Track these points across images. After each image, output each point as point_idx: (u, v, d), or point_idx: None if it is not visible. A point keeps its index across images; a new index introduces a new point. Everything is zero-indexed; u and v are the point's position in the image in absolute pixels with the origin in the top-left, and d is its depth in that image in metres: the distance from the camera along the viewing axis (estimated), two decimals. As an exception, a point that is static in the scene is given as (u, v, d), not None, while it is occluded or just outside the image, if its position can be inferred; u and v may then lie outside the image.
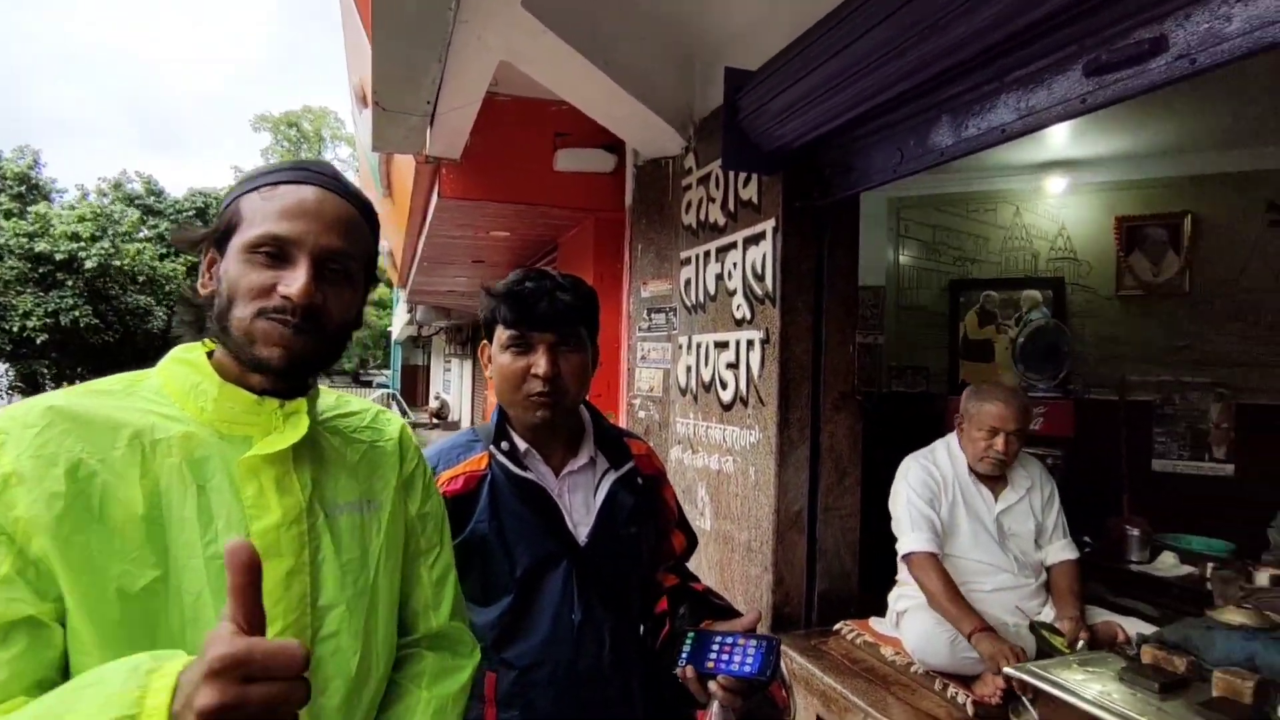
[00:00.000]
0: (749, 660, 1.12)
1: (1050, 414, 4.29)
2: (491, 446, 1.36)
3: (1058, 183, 4.68)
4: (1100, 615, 2.23)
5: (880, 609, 2.50)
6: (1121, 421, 4.53)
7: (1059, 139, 4.28)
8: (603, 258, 4.34)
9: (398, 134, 3.24)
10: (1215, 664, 1.44)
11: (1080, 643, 2.01)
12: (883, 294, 5.16)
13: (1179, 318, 4.55)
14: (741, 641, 1.15)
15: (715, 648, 1.15)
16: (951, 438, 2.41)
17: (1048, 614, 2.24)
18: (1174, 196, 4.56)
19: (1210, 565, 2.69)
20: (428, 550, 1.07)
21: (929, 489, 2.30)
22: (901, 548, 2.27)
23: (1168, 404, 4.53)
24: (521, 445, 1.37)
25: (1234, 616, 1.50)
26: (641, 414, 3.71)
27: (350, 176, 0.99)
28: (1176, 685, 1.44)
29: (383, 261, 8.73)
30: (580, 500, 1.39)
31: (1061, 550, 2.34)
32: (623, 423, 3.82)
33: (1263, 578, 2.28)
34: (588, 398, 1.46)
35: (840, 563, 2.72)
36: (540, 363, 1.31)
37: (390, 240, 7.41)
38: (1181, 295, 4.52)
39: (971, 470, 2.33)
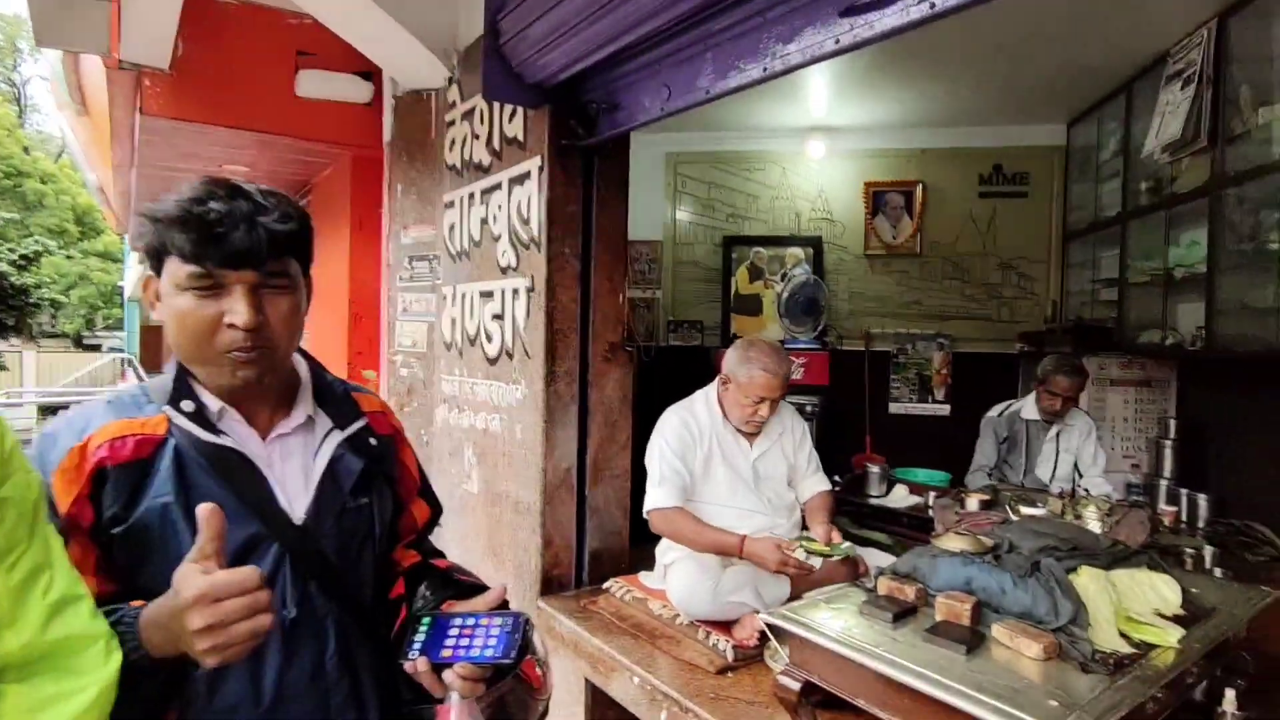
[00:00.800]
0: (491, 643, 0.98)
1: (810, 364, 4.61)
2: (168, 407, 1.04)
3: (817, 147, 4.96)
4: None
5: (647, 564, 2.47)
6: (866, 370, 5.01)
7: (819, 105, 4.52)
8: (362, 200, 3.86)
9: (69, 23, 2.56)
10: (939, 590, 1.53)
11: (844, 544, 2.13)
12: (661, 249, 5.20)
13: (911, 276, 5.09)
14: (484, 622, 1.01)
15: (453, 633, 1.00)
16: (711, 390, 2.41)
17: (801, 552, 2.33)
18: (909, 166, 5.04)
19: (932, 494, 3.01)
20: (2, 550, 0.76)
21: (683, 442, 2.29)
22: (647, 503, 2.25)
23: (902, 353, 5.07)
24: (213, 405, 1.06)
25: (954, 544, 1.61)
26: (405, 372, 3.38)
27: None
28: (907, 613, 1.51)
29: (92, 198, 7.27)
30: (296, 468, 1.11)
31: (815, 484, 2.45)
32: (384, 382, 3.46)
33: (973, 503, 2.57)
34: (348, 357, 1.16)
35: (612, 520, 2.66)
36: (239, 309, 1.00)
37: (96, 173, 6.14)
38: (914, 256, 5.05)
39: (728, 421, 2.35)
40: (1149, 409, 4.02)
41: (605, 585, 2.46)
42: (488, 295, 2.81)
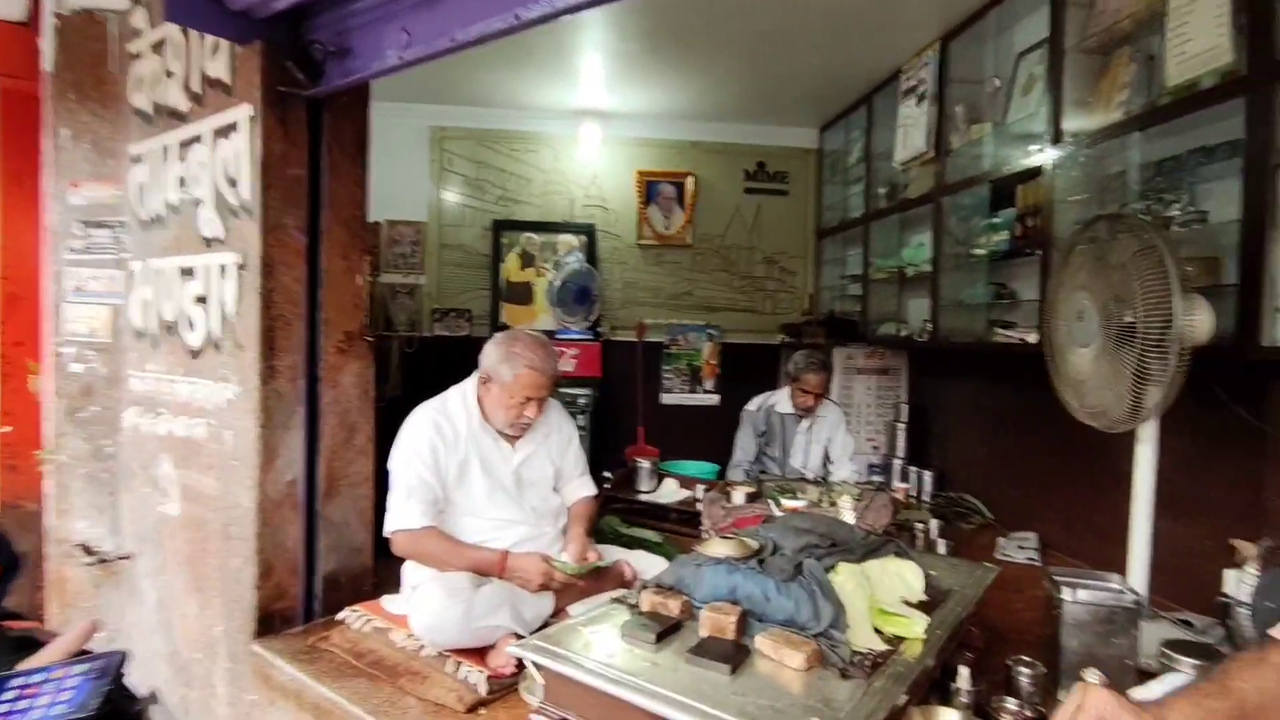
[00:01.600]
0: (65, 697, 0.82)
1: (582, 356, 4.47)
2: None
3: (592, 131, 4.84)
4: (612, 555, 2.23)
5: (395, 584, 2.15)
6: (639, 360, 5.00)
7: (593, 88, 4.38)
8: (14, 147, 3.01)
9: None
10: (704, 601, 1.42)
11: (599, 560, 2.00)
12: (425, 231, 4.77)
13: (683, 267, 5.17)
14: (56, 675, 0.85)
15: (9, 696, 0.82)
16: (469, 386, 2.15)
17: (567, 559, 2.15)
18: (682, 158, 5.10)
19: (701, 488, 3.00)
20: None
21: (434, 448, 2.01)
22: (390, 522, 1.95)
23: (674, 344, 5.13)
24: None
25: (718, 549, 1.52)
26: (78, 367, 2.67)
27: None
28: (671, 631, 1.38)
29: None
30: None
31: (579, 488, 2.29)
32: (51, 380, 2.72)
33: (739, 496, 2.57)
34: (2, 348, 0.75)
35: (351, 536, 2.29)
36: None
37: None
38: (685, 247, 5.13)
39: (488, 422, 2.10)
40: (887, 395, 4.42)
41: (340, 617, 2.09)
42: (189, 273, 2.27)
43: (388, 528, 1.97)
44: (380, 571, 2.35)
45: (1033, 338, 2.89)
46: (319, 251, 2.17)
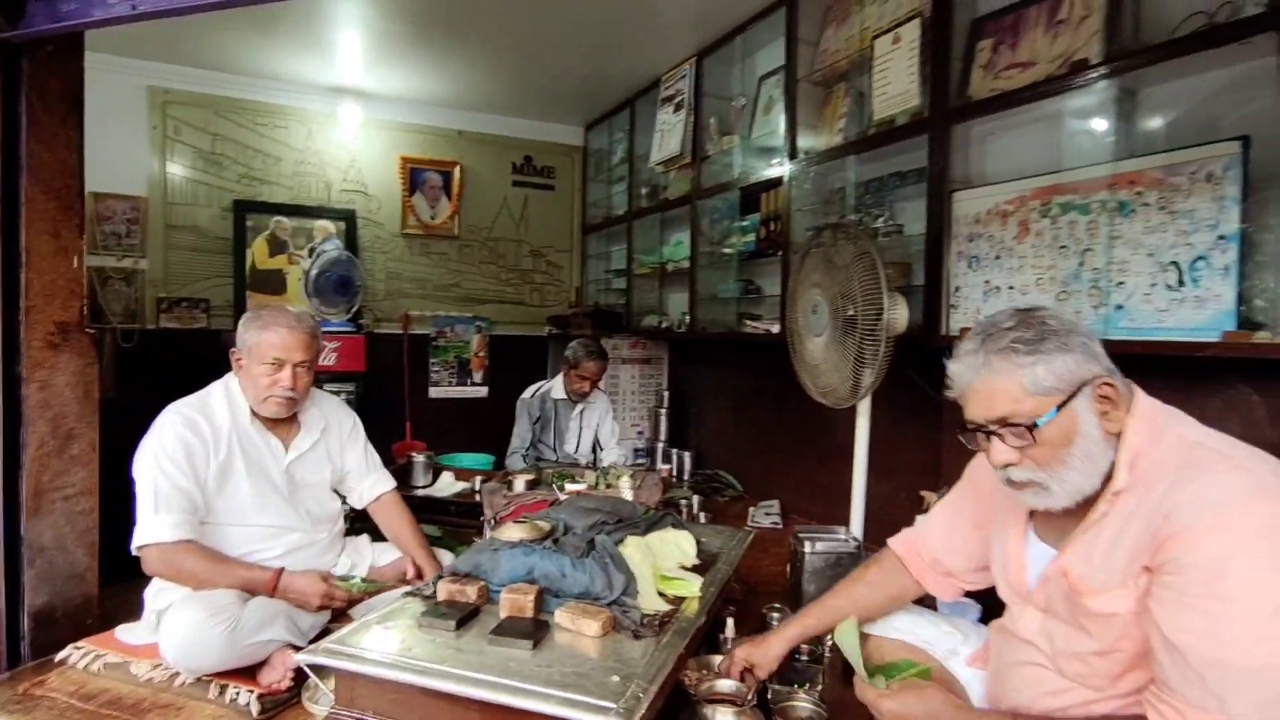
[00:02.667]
0: None
1: (344, 349, 4.20)
2: None
3: (351, 112, 4.53)
4: (387, 556, 2.16)
5: (132, 612, 1.88)
6: (405, 353, 4.81)
7: (351, 65, 4.10)
8: None
9: None
10: (502, 584, 1.45)
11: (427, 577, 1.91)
12: (145, 207, 4.13)
13: (450, 258, 5.06)
14: None
15: None
16: (231, 380, 1.94)
17: (345, 564, 2.04)
18: (448, 146, 4.98)
19: (479, 479, 3.00)
20: None
21: (190, 450, 1.79)
22: (139, 537, 1.72)
23: (441, 336, 5.01)
24: None
25: (513, 533, 1.56)
26: None
27: None
28: (470, 617, 1.40)
29: None
30: None
31: (376, 484, 2.17)
32: None
33: (520, 484, 2.61)
34: None
35: (70, 561, 1.95)
36: None
37: None
38: (452, 238, 5.03)
39: (256, 416, 1.92)
40: (649, 383, 4.73)
41: (61, 656, 1.78)
42: None
43: (136, 543, 1.72)
44: (110, 600, 2.04)
45: (775, 328, 3.29)
46: (19, 226, 1.81)
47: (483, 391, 5.11)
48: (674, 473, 3.94)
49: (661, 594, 1.52)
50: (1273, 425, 1.76)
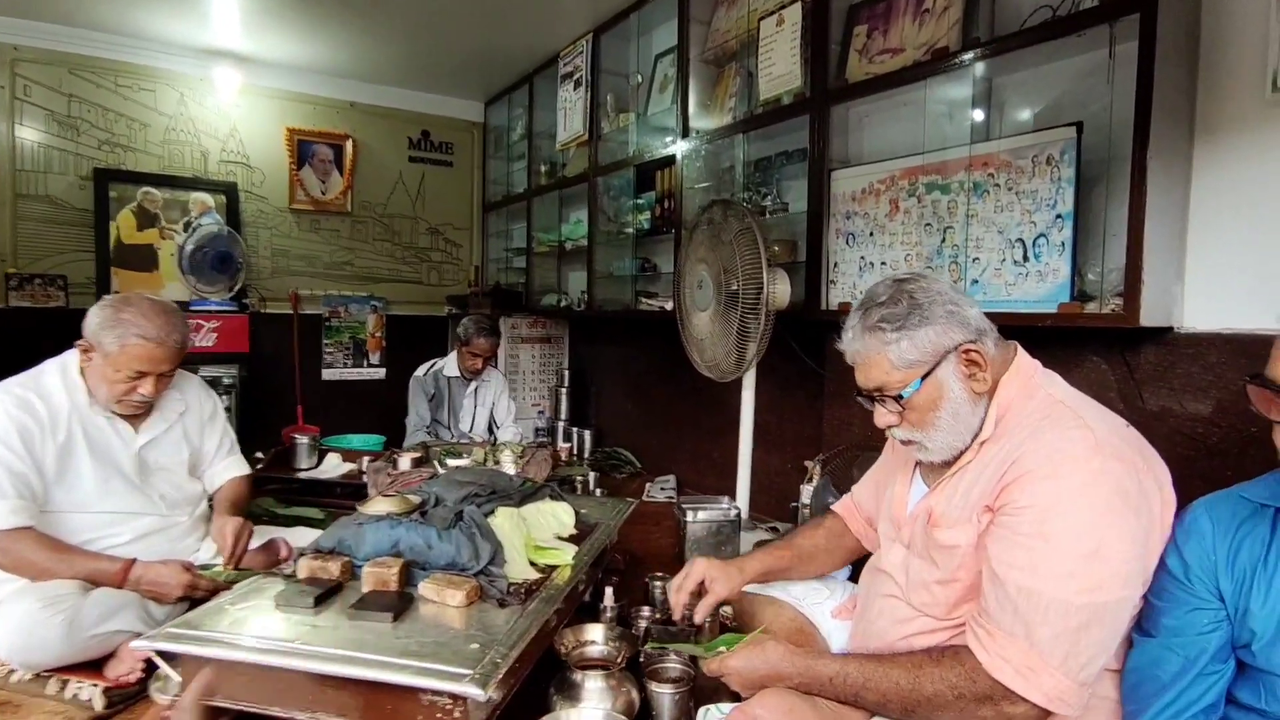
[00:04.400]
0: None
1: (225, 329, 3.98)
2: None
3: (228, 77, 4.26)
4: (266, 534, 2.08)
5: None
6: (295, 334, 4.60)
7: (229, 26, 3.85)
8: None
9: None
10: (368, 558, 1.42)
11: (244, 571, 1.81)
12: (-11, 173, 3.77)
13: (342, 235, 4.86)
14: None
15: None
16: (70, 358, 1.80)
17: (208, 549, 1.95)
18: (339, 118, 4.77)
19: (366, 460, 2.91)
20: None
21: (25, 432, 1.66)
22: None
23: (334, 316, 4.82)
24: None
25: (380, 506, 1.53)
26: None
27: None
28: (332, 593, 1.36)
29: None
30: None
31: (228, 469, 2.07)
32: None
33: (405, 462, 2.55)
34: None
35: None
36: None
37: None
38: (345, 214, 4.83)
39: (96, 400, 1.79)
40: (550, 362, 4.71)
41: (-124, 659, 1.62)
42: None
43: None
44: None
45: (669, 305, 3.33)
46: None
47: (380, 373, 4.96)
48: (574, 451, 3.95)
49: (533, 564, 1.52)
50: (1115, 387, 1.92)
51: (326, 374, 4.79)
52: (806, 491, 2.53)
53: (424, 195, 5.13)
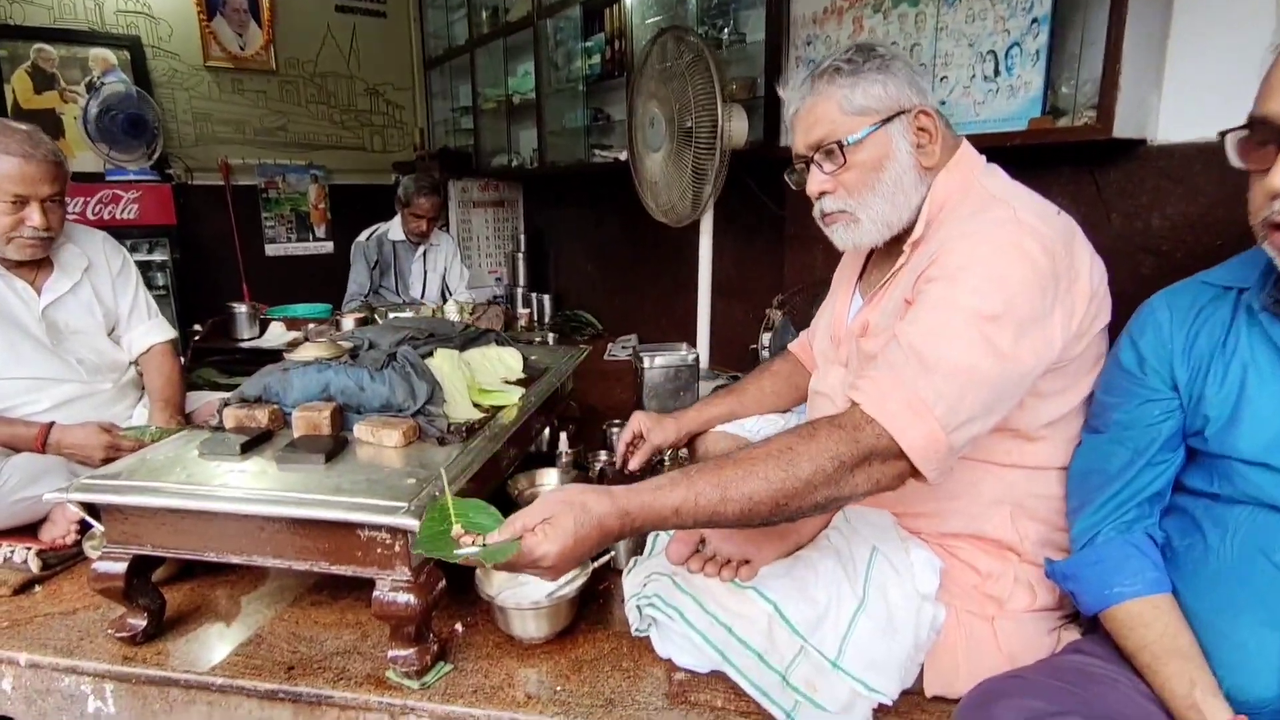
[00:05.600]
0: None
1: (146, 200, 3.71)
2: None
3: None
4: (202, 399, 1.99)
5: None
6: (230, 207, 4.32)
7: None
8: None
9: None
10: (296, 404, 1.34)
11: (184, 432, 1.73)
12: None
13: (270, 97, 4.47)
14: None
15: None
16: (-44, 214, 1.62)
17: (140, 417, 1.85)
18: (249, -41, 4.27)
19: (311, 326, 2.79)
20: None
21: None
22: None
23: (272, 187, 4.52)
24: None
25: (308, 352, 1.43)
26: None
27: None
28: (260, 440, 1.29)
29: None
30: None
31: (149, 333, 1.93)
32: None
33: (348, 323, 2.44)
34: None
35: None
36: None
37: None
38: (269, 72, 4.42)
39: (-4, 258, 1.63)
40: (505, 226, 4.52)
41: None
42: None
43: None
44: None
45: (624, 155, 3.15)
46: None
47: (327, 247, 4.73)
48: (534, 316, 3.85)
49: (477, 405, 1.46)
50: (1083, 209, 1.84)
51: (270, 249, 4.56)
52: (766, 338, 2.48)
53: (358, 51, 4.71)
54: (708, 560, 1.07)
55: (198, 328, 2.87)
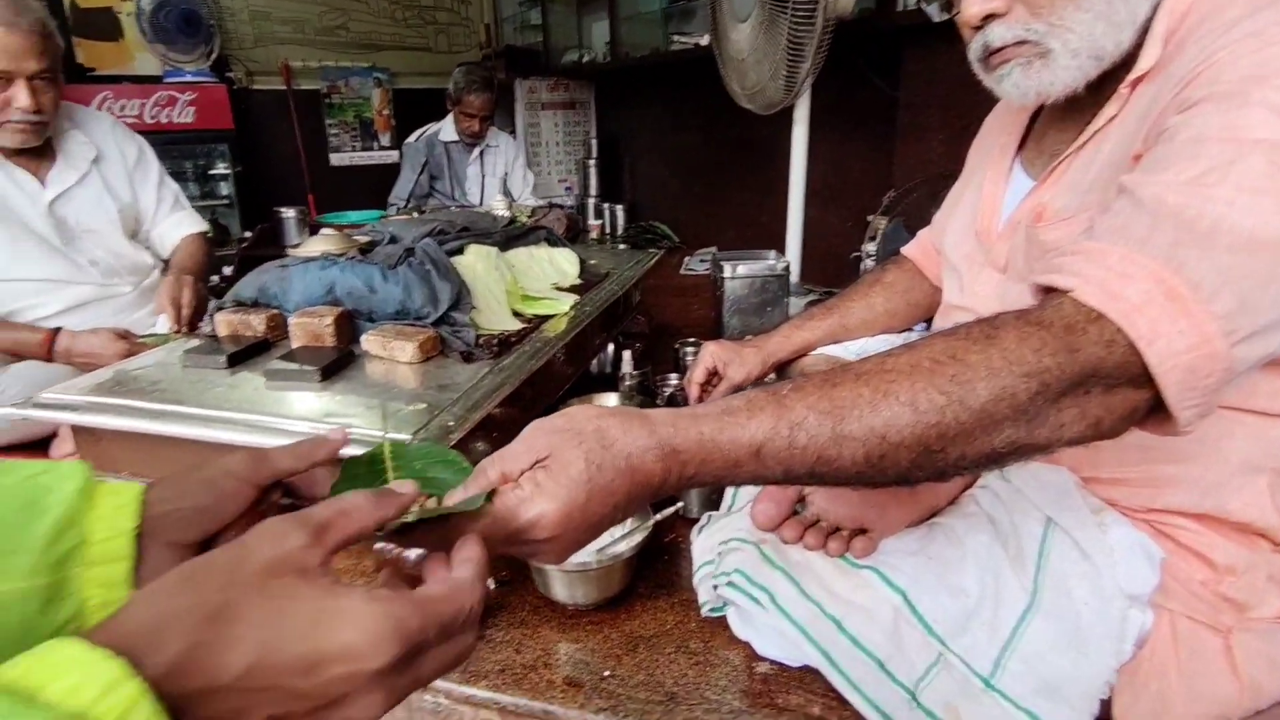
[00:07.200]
0: None
1: (202, 101, 3.54)
2: None
3: None
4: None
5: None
6: (293, 113, 4.14)
7: None
8: None
9: None
10: (298, 308, 1.10)
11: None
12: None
13: (327, -9, 4.20)
14: None
15: None
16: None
17: (164, 325, 1.68)
18: None
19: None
20: None
21: None
22: None
23: (334, 92, 4.30)
24: None
25: (314, 246, 1.19)
26: None
27: None
28: (253, 351, 1.06)
29: None
30: None
31: (178, 225, 1.76)
32: None
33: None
34: None
35: None
36: None
37: None
38: (327, -36, 4.14)
39: (-5, 147, 1.45)
40: (575, 131, 4.17)
41: None
42: None
43: None
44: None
45: (705, 40, 2.74)
46: None
47: (392, 156, 4.49)
48: (606, 228, 3.55)
49: (518, 314, 1.19)
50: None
51: (334, 159, 4.37)
52: (871, 246, 2.10)
53: (420, -62, 4.35)
54: (808, 527, 0.78)
55: (246, 234, 2.71)
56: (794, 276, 2.14)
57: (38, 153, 1.52)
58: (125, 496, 0.48)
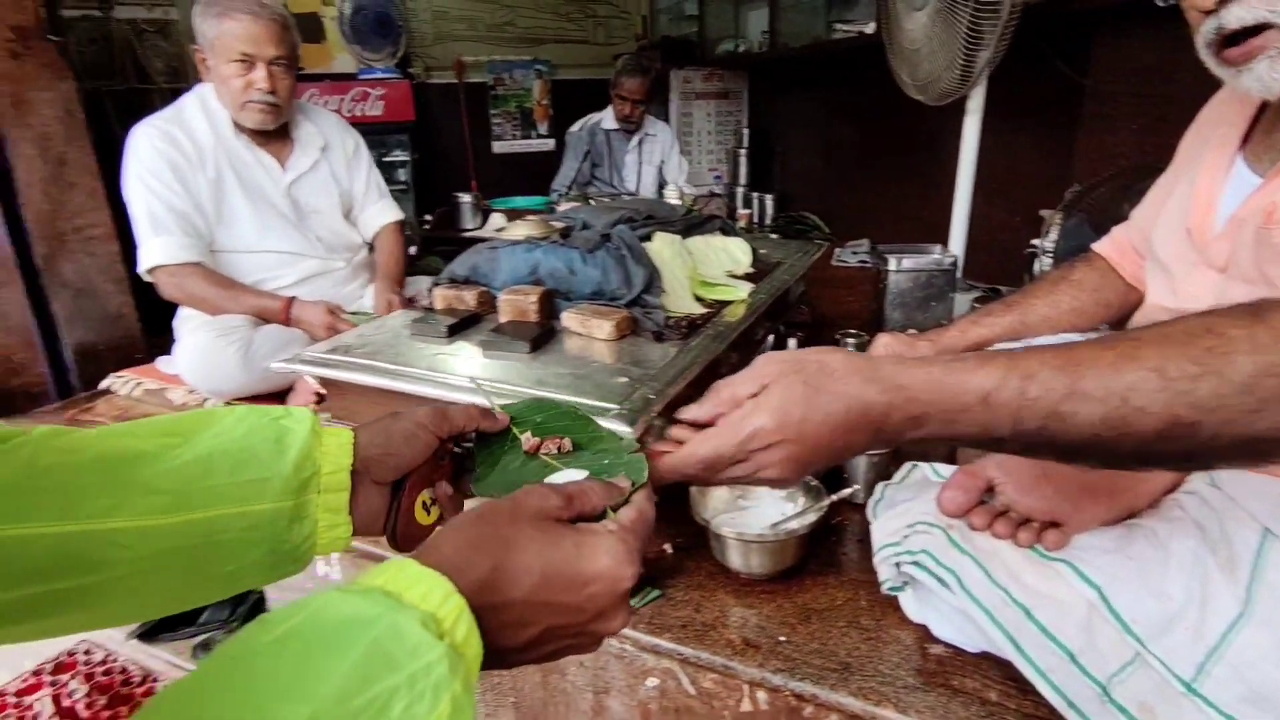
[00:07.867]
0: None
1: (390, 96, 3.88)
2: None
3: None
4: (420, 284, 2.01)
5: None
6: (462, 104, 4.44)
7: None
8: None
9: None
10: (505, 287, 1.23)
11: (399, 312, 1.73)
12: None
13: (498, -10, 4.46)
14: None
15: None
16: (205, 89, 1.70)
17: (370, 298, 1.90)
18: None
19: (529, 216, 2.76)
20: None
21: (175, 167, 1.60)
22: (143, 260, 1.60)
23: (500, 84, 4.56)
24: None
25: (518, 230, 1.32)
26: None
27: None
28: (468, 323, 1.20)
29: None
30: None
31: (380, 213, 1.97)
32: None
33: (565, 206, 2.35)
34: None
35: (102, 301, 1.90)
36: None
37: None
38: (500, -35, 4.39)
39: (241, 129, 1.69)
40: (727, 120, 4.20)
41: (104, 385, 1.78)
42: None
43: (141, 266, 1.61)
44: (156, 339, 2.02)
45: (870, 28, 2.69)
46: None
47: (549, 144, 4.73)
48: (754, 218, 3.57)
49: (699, 299, 1.26)
50: None
51: (497, 147, 4.65)
52: (1049, 242, 2.01)
53: (582, -61, 4.51)
54: (997, 515, 0.79)
55: (428, 217, 2.96)
56: (959, 268, 2.08)
57: (279, 140, 1.76)
58: (343, 438, 0.57)
